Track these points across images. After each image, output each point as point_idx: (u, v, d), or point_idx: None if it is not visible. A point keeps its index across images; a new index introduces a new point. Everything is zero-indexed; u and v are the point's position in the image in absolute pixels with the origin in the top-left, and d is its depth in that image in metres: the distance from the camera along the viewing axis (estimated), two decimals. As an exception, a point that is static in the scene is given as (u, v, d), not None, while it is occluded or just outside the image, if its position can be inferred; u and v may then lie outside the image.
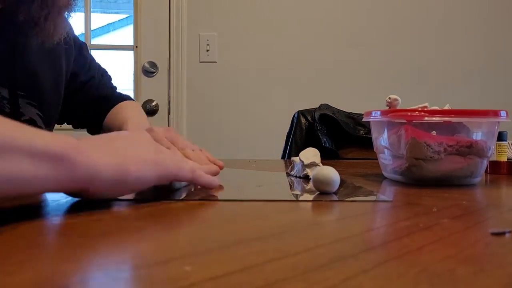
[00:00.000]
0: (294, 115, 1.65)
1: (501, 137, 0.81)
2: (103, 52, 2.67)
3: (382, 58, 2.28)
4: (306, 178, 0.66)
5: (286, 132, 1.68)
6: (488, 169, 0.80)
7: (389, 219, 0.42)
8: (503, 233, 0.33)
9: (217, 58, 2.25)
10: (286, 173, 0.75)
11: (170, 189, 0.54)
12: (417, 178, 0.63)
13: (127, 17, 4.04)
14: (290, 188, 0.61)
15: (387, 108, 0.69)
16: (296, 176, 0.69)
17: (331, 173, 0.51)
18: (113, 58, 2.83)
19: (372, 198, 0.51)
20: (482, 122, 0.64)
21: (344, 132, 1.54)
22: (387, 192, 0.60)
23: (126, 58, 2.41)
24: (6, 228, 0.34)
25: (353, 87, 2.26)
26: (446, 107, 0.64)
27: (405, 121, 0.62)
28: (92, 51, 2.37)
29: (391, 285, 0.23)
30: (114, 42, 4.73)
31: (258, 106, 2.23)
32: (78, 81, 0.89)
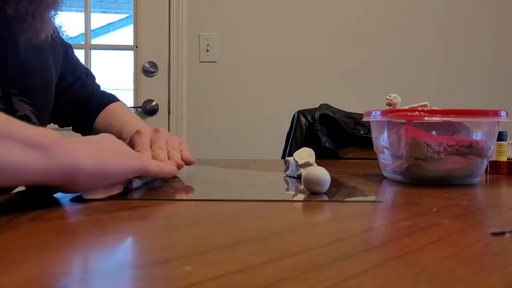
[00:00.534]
0: (294, 115, 1.65)
1: (501, 137, 0.81)
2: (103, 52, 2.67)
3: (382, 58, 2.28)
4: (300, 178, 0.66)
5: (286, 132, 1.68)
6: (488, 169, 0.80)
7: (389, 219, 0.42)
8: (503, 233, 0.33)
9: (217, 58, 2.25)
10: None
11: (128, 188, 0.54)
12: (417, 178, 0.63)
13: (127, 17, 4.04)
14: (283, 188, 0.61)
15: (387, 107, 0.69)
16: (291, 176, 0.68)
17: (321, 173, 0.51)
18: (113, 58, 2.83)
19: (363, 199, 0.51)
20: (482, 122, 0.64)
21: (344, 132, 1.54)
22: (387, 192, 0.60)
23: (126, 58, 2.41)
24: (6, 228, 0.34)
25: (353, 87, 2.26)
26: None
27: (405, 121, 0.62)
28: (92, 51, 2.38)
29: (391, 285, 0.23)
30: (114, 42, 4.73)
31: (258, 106, 2.23)
32: (65, 83, 0.89)
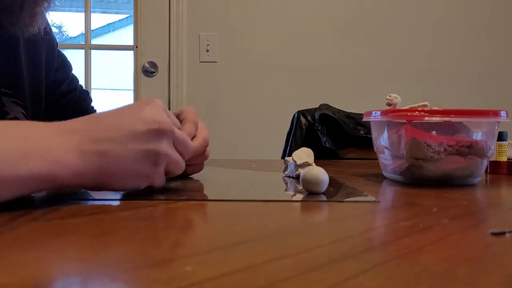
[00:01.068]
0: (294, 115, 1.65)
1: (501, 137, 0.81)
2: (103, 52, 2.67)
3: (382, 58, 2.28)
4: (299, 178, 0.66)
5: (286, 132, 1.68)
6: (488, 169, 0.80)
7: (389, 219, 0.42)
8: (503, 233, 0.33)
9: (217, 58, 2.25)
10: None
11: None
12: (417, 178, 0.63)
13: (127, 17, 4.04)
14: (281, 188, 0.61)
15: (387, 108, 0.69)
16: (289, 176, 0.68)
17: (320, 173, 0.51)
18: (113, 58, 2.83)
19: (363, 199, 0.51)
20: (482, 122, 0.64)
21: (344, 132, 1.54)
22: (387, 192, 0.60)
23: (126, 58, 2.41)
24: (6, 229, 0.34)
25: (353, 87, 2.26)
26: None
27: (405, 121, 0.62)
28: (92, 51, 2.39)
29: (391, 285, 0.23)
30: (114, 42, 4.73)
31: (258, 106, 2.23)
32: (60, 91, 0.87)
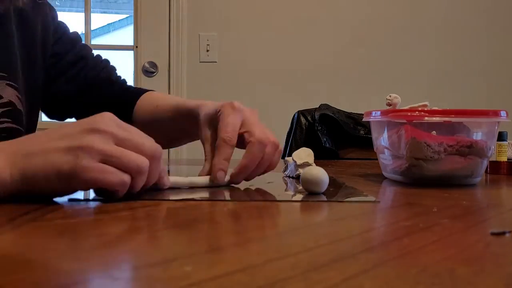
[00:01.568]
0: (294, 115, 1.65)
1: (501, 137, 0.81)
2: (103, 52, 2.67)
3: (382, 58, 2.28)
4: (299, 178, 0.66)
5: (286, 132, 1.68)
6: (488, 169, 0.80)
7: (389, 219, 0.42)
8: (503, 233, 0.33)
9: (217, 58, 2.25)
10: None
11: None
12: (417, 178, 0.63)
13: (127, 17, 4.04)
14: (281, 188, 0.61)
15: (387, 108, 0.69)
16: (289, 176, 0.68)
17: (320, 173, 0.51)
18: (113, 58, 2.81)
19: (363, 199, 0.51)
20: (482, 122, 0.64)
21: (344, 132, 1.54)
22: (387, 192, 0.60)
23: (126, 58, 2.41)
24: (6, 229, 0.34)
25: (353, 87, 2.26)
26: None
27: (405, 121, 0.62)
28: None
29: (391, 285, 0.23)
30: (114, 42, 4.72)
31: (258, 106, 2.21)
32: (65, 62, 0.79)
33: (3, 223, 0.35)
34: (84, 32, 2.29)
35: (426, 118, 0.61)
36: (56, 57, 0.79)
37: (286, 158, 0.71)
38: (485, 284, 0.23)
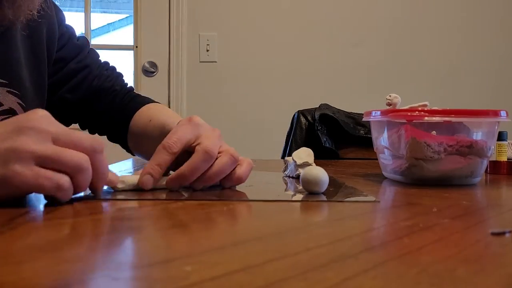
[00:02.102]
0: (294, 115, 1.65)
1: (501, 137, 0.81)
2: (103, 52, 2.67)
3: (382, 58, 2.28)
4: (299, 178, 0.66)
5: (286, 132, 1.68)
6: (488, 169, 0.80)
7: (389, 219, 0.42)
8: (503, 233, 0.33)
9: (217, 58, 2.25)
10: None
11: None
12: (417, 178, 0.63)
13: (127, 17, 4.03)
14: (281, 188, 0.61)
15: (387, 107, 0.69)
16: (289, 176, 0.68)
17: (320, 173, 0.51)
18: (113, 58, 2.82)
19: (363, 199, 0.51)
20: (482, 122, 0.64)
21: (344, 132, 1.54)
22: (387, 192, 0.60)
23: (126, 58, 2.41)
24: (6, 229, 0.34)
25: (353, 87, 2.26)
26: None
27: (405, 121, 0.62)
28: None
29: (391, 285, 0.23)
30: (114, 42, 4.71)
31: (258, 106, 2.23)
32: (68, 69, 0.78)
33: (3, 223, 0.35)
34: (84, 32, 2.29)
35: (426, 118, 0.61)
36: (60, 63, 0.78)
37: (286, 158, 0.71)
38: (485, 284, 0.23)
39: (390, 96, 0.69)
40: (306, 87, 2.24)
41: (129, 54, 2.32)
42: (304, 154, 0.66)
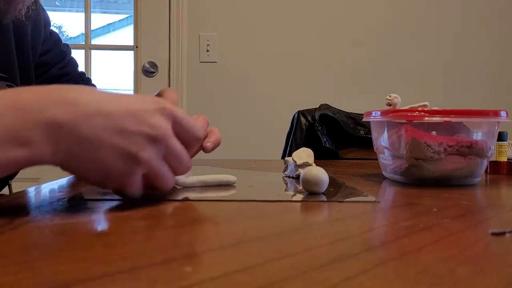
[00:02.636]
0: (294, 115, 1.65)
1: (501, 137, 0.81)
2: (103, 52, 2.67)
3: (382, 58, 2.28)
4: (299, 179, 0.66)
5: (286, 132, 1.68)
6: (488, 169, 0.80)
7: (389, 219, 0.42)
8: (503, 233, 0.33)
9: (217, 58, 2.25)
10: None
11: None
12: (417, 178, 0.63)
13: (127, 17, 4.03)
14: (281, 189, 0.61)
15: (387, 107, 0.69)
16: (289, 176, 0.68)
17: (320, 174, 0.51)
18: (113, 58, 2.83)
19: (363, 199, 0.51)
20: (482, 122, 0.64)
21: (344, 132, 1.54)
22: (387, 192, 0.60)
23: (126, 58, 2.41)
24: (6, 229, 0.34)
25: (353, 87, 2.26)
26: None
27: (405, 121, 0.62)
28: (92, 51, 2.38)
29: (391, 285, 0.23)
30: (114, 42, 4.72)
31: (258, 106, 2.23)
32: (49, 75, 0.80)
33: (3, 223, 0.35)
34: (84, 32, 2.29)
35: (426, 118, 0.61)
36: (44, 67, 0.80)
37: (286, 158, 0.71)
38: (485, 285, 0.23)
39: (390, 96, 0.69)
40: (306, 87, 2.24)
41: (129, 55, 2.32)
42: (304, 154, 0.66)
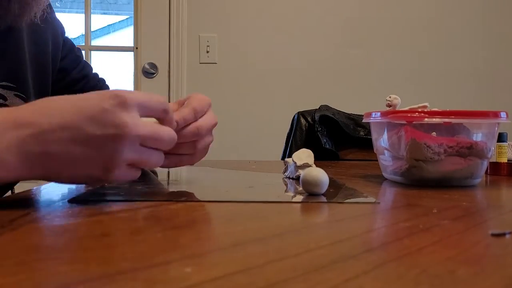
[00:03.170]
0: (294, 116, 1.65)
1: (501, 138, 0.81)
2: (103, 53, 2.67)
3: (383, 59, 2.28)
4: (299, 180, 0.66)
5: (286, 133, 1.68)
6: (488, 170, 0.80)
7: (389, 220, 0.42)
8: (504, 234, 0.33)
9: (217, 59, 2.25)
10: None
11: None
12: (417, 179, 0.63)
13: (127, 18, 4.04)
14: (281, 190, 0.61)
15: (387, 108, 0.69)
16: (289, 177, 0.68)
17: (319, 175, 0.51)
18: (113, 59, 2.83)
19: (363, 200, 0.51)
20: (482, 123, 0.64)
21: (344, 133, 1.54)
22: (387, 193, 0.60)
23: (126, 59, 2.41)
24: (6, 229, 0.34)
25: (353, 88, 2.26)
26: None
27: (405, 122, 0.62)
28: (92, 52, 2.38)
29: (392, 286, 0.23)
30: (114, 44, 4.73)
31: (258, 107, 2.23)
32: (70, 78, 0.83)
33: (3, 224, 0.35)
34: (84, 33, 2.29)
35: (426, 119, 0.61)
36: (63, 73, 0.82)
37: (286, 159, 0.71)
38: (485, 285, 0.23)
39: (390, 97, 0.69)
40: (306, 88, 2.25)
41: (129, 56, 2.32)
42: (304, 155, 0.66)
